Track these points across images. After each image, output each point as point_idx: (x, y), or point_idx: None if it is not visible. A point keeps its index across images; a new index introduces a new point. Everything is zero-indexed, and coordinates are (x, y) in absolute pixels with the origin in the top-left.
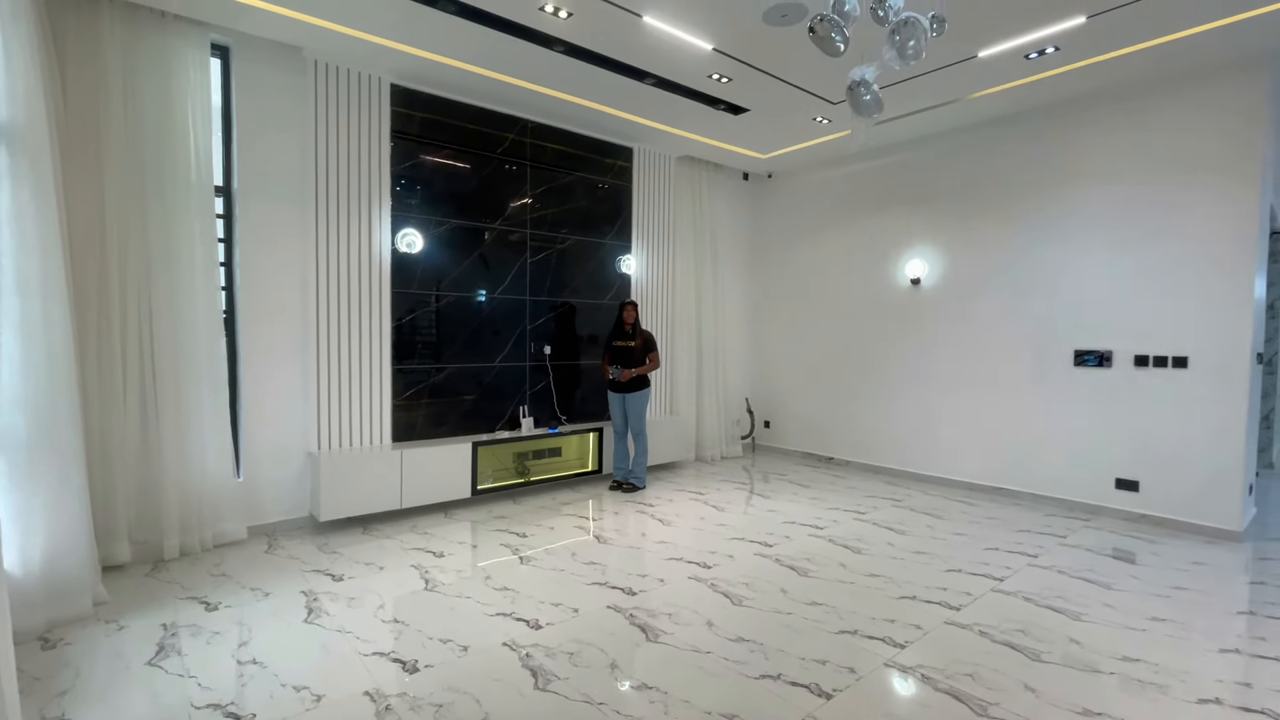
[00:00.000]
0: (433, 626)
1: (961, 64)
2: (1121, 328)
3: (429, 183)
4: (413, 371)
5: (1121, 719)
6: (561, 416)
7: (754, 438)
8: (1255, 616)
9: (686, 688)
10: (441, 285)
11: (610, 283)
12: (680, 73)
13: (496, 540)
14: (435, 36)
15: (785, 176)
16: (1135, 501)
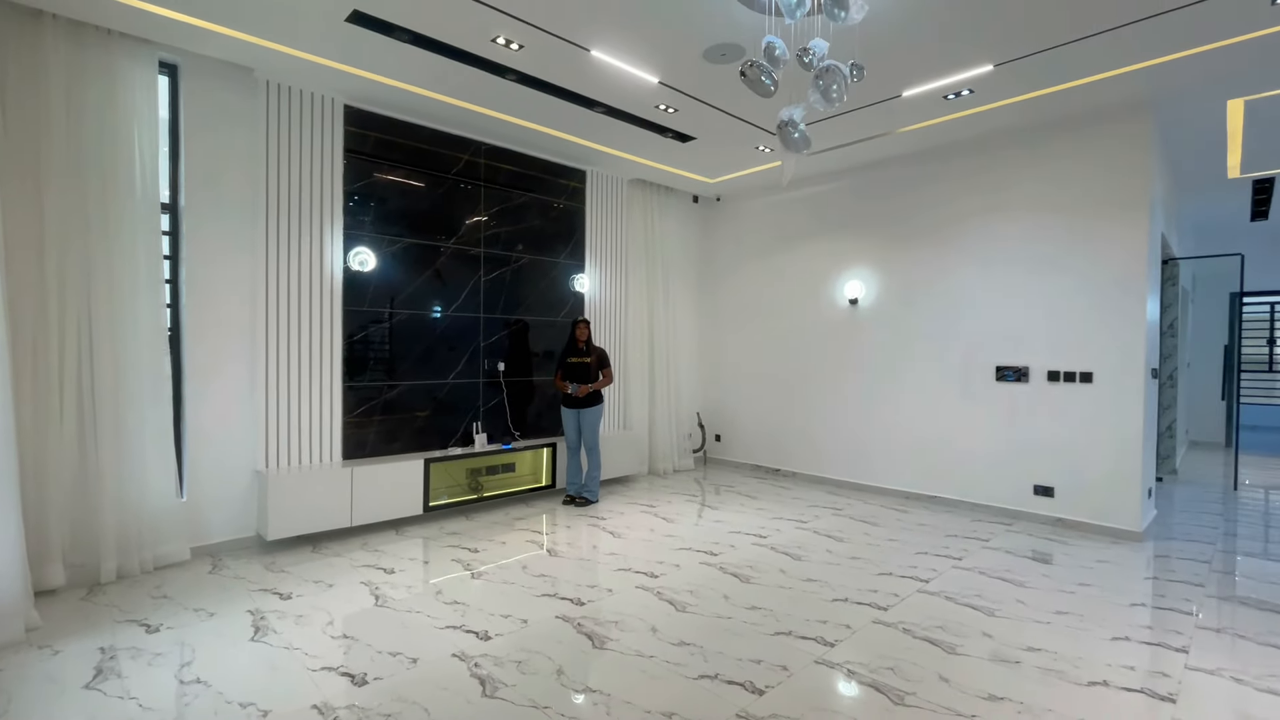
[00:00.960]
0: (382, 641)
1: (888, 102)
2: (1036, 346)
3: (383, 201)
4: (365, 388)
5: (1021, 702)
6: (515, 432)
7: (705, 451)
8: (1145, 608)
9: (629, 690)
10: (394, 302)
11: (564, 300)
12: (629, 102)
13: (448, 556)
14: (389, 62)
15: (733, 200)
16: (1051, 506)
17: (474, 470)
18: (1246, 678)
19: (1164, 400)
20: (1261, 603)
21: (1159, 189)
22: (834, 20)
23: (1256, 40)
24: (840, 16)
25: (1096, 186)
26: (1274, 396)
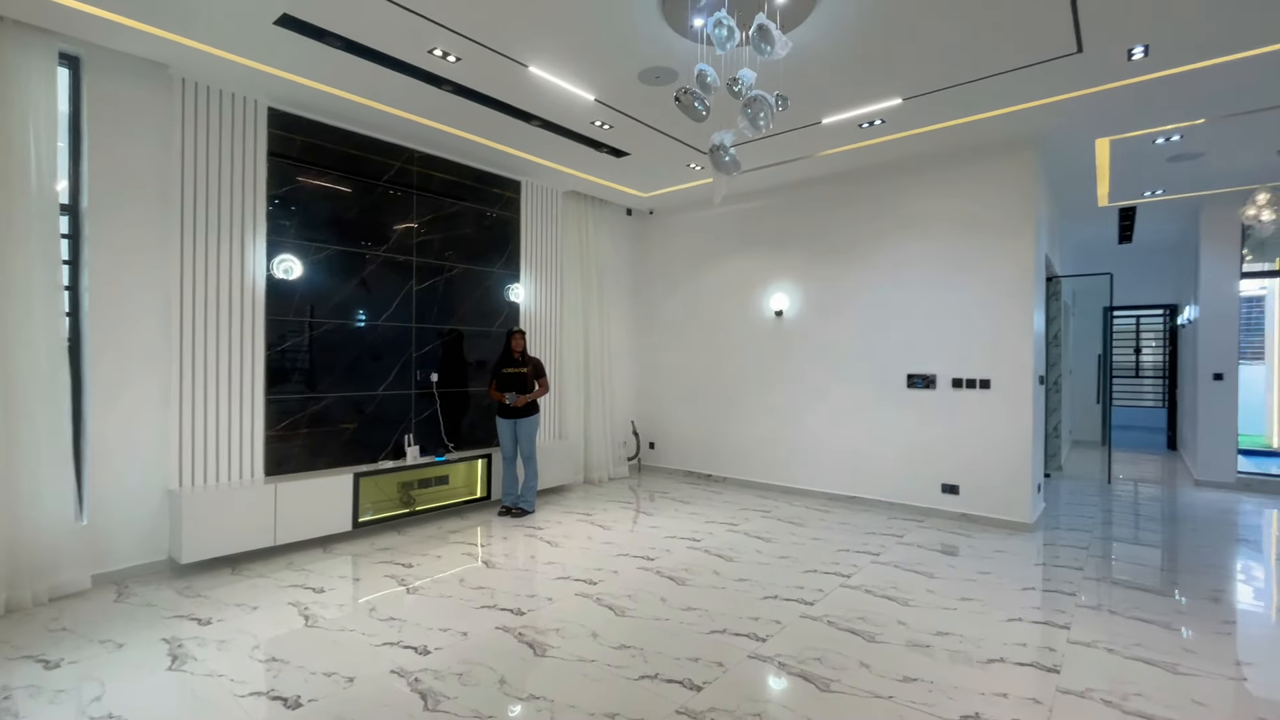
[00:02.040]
0: (315, 662)
1: (810, 128)
2: (942, 355)
3: (309, 207)
4: (288, 401)
5: (932, 681)
6: (449, 444)
7: (640, 459)
8: (1035, 591)
9: (572, 694)
10: (321, 312)
11: (499, 310)
12: (565, 117)
13: (381, 572)
14: (319, 67)
15: (665, 214)
16: (957, 503)
17: (406, 484)
18: (1117, 648)
19: (1050, 404)
20: (1129, 582)
21: (1043, 214)
22: (760, 54)
23: (1117, 89)
24: (766, 51)
25: (991, 211)
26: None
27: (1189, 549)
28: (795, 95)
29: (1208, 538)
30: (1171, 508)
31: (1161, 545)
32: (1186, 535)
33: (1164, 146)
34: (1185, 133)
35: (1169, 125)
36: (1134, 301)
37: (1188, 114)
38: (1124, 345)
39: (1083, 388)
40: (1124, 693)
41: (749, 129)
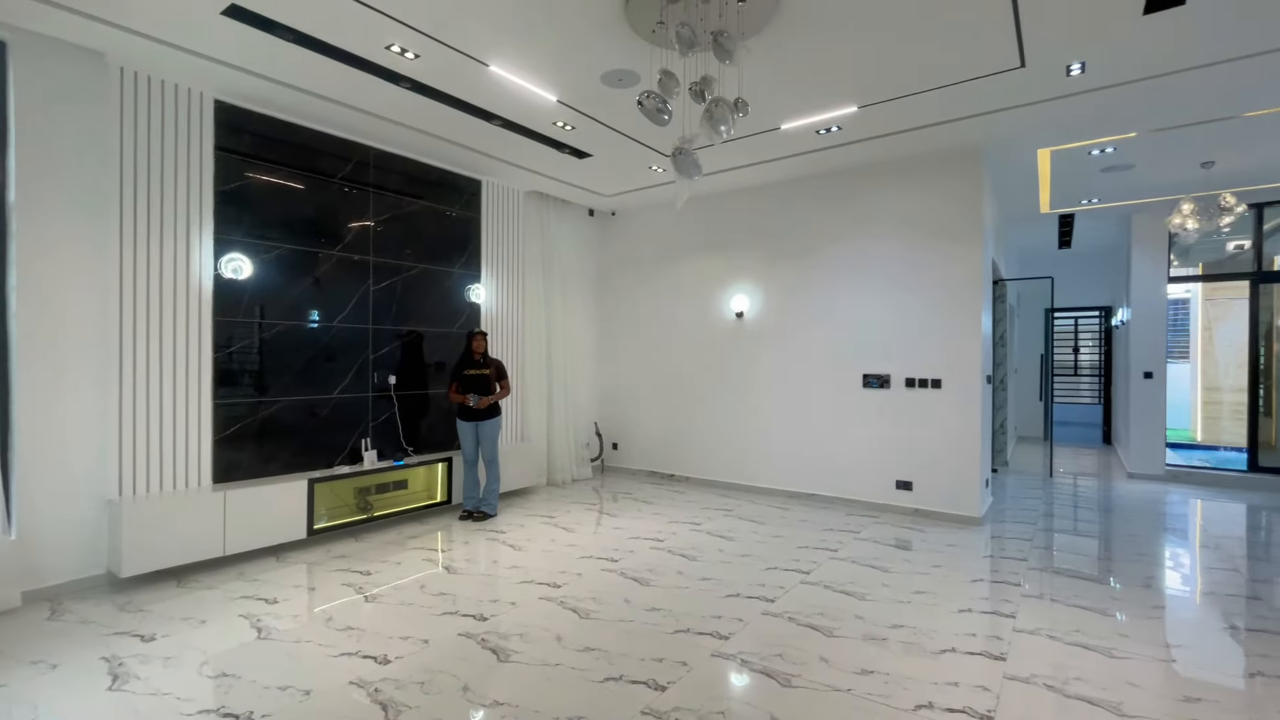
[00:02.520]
0: (269, 675)
1: (770, 133)
2: (896, 355)
3: (260, 204)
4: (238, 405)
5: (888, 673)
6: (408, 448)
7: (603, 460)
8: (984, 582)
9: (537, 699)
10: (273, 312)
11: (459, 311)
12: (527, 117)
13: (338, 580)
14: (270, 61)
15: (628, 215)
16: (911, 499)
17: (363, 489)
18: (1058, 634)
19: (997, 401)
20: (1070, 571)
21: (990, 220)
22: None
23: (1057, 103)
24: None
25: (942, 216)
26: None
27: (1122, 538)
28: (756, 102)
29: (1139, 527)
30: (1107, 499)
31: (1098, 535)
32: (1120, 525)
33: (1099, 158)
34: (1118, 145)
35: (1103, 138)
36: (1073, 304)
37: (1120, 128)
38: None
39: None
40: (1065, 677)
41: (710, 133)
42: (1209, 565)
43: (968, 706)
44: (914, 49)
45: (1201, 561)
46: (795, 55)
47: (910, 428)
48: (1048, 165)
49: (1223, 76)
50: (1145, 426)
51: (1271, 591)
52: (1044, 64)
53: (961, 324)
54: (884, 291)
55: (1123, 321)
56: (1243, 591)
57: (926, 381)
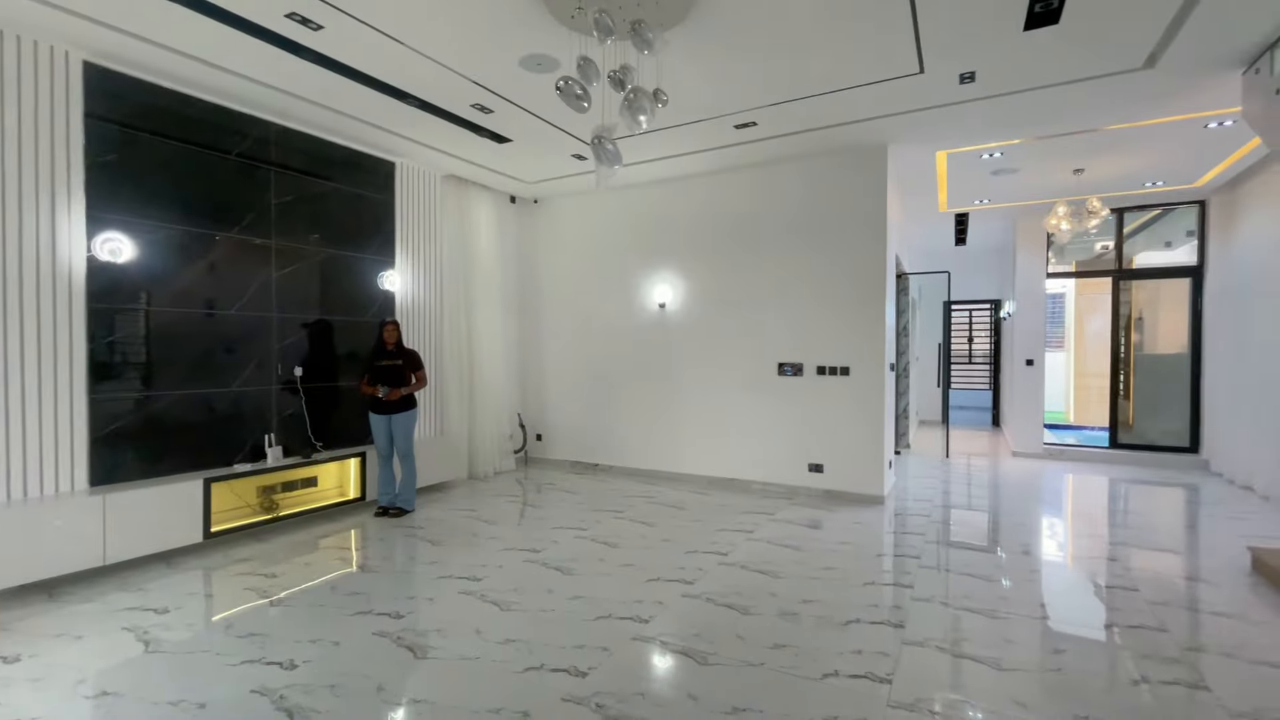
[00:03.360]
0: (158, 691)
1: (688, 125)
2: (809, 344)
3: (143, 179)
4: (119, 400)
5: (799, 646)
6: (317, 443)
7: (527, 451)
8: (887, 556)
9: (455, 694)
10: (161, 299)
11: (372, 300)
12: (443, 99)
13: (239, 585)
14: (151, 21)
15: (550, 202)
16: (822, 480)
17: (268, 488)
18: (950, 601)
19: (900, 388)
20: (962, 544)
21: (894, 217)
22: (641, 51)
23: (952, 108)
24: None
25: (852, 212)
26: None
27: (1006, 511)
28: (674, 94)
29: (1020, 501)
30: (994, 476)
31: (986, 509)
32: (1004, 499)
33: (988, 161)
34: (1005, 151)
35: (992, 143)
36: (968, 297)
37: (1006, 134)
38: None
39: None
40: (955, 639)
41: (630, 123)
42: (1077, 532)
43: (870, 672)
44: (823, 51)
45: (1071, 529)
46: (710, 51)
47: (821, 413)
48: (945, 167)
49: (1089, 91)
50: (1027, 409)
51: (1127, 553)
52: (941, 71)
53: (868, 315)
54: (799, 283)
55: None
56: (1103, 554)
57: (836, 369)
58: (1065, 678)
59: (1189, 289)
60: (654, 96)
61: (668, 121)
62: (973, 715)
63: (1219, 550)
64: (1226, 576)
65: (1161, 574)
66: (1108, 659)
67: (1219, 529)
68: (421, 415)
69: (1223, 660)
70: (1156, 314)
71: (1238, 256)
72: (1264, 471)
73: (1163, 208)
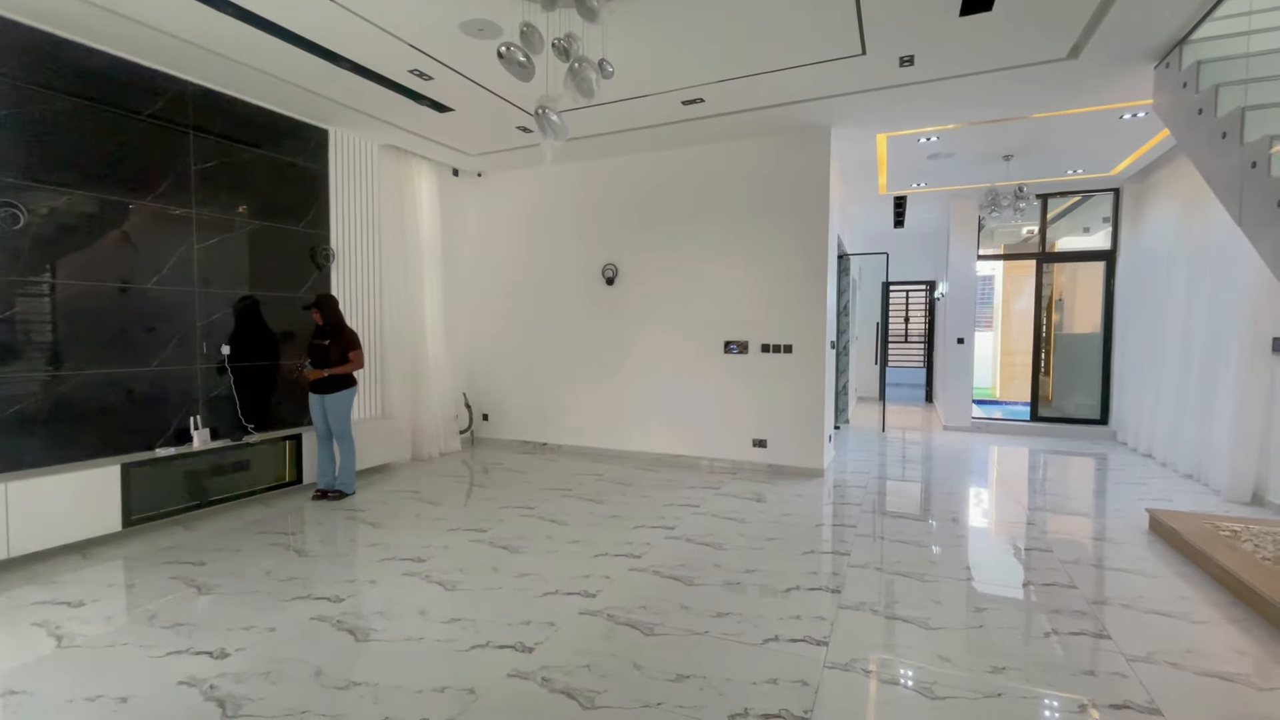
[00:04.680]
0: (73, 687)
1: (634, 100)
2: (754, 322)
3: (40, 139)
4: (19, 380)
5: (741, 613)
6: (248, 425)
7: (473, 431)
8: (826, 526)
9: (398, 675)
10: (66, 271)
11: (306, 274)
12: (379, 63)
13: (164, 574)
14: None
15: (495, 175)
16: (766, 455)
17: (194, 473)
18: (884, 566)
19: (840, 366)
20: (895, 513)
21: (836, 198)
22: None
23: (891, 91)
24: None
25: (795, 192)
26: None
27: (937, 481)
28: (620, 67)
29: (950, 471)
30: (927, 449)
31: (919, 480)
32: (936, 470)
33: (925, 145)
34: (940, 135)
35: (929, 127)
36: (905, 278)
37: (942, 119)
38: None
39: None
40: (887, 602)
41: (574, 94)
42: (1000, 500)
43: (808, 635)
44: (769, 28)
45: (995, 497)
46: (656, 23)
47: (765, 390)
48: (885, 149)
49: (1018, 79)
50: (957, 385)
51: (1043, 518)
52: (882, 53)
53: (810, 294)
54: (744, 262)
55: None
56: (1023, 519)
57: (780, 347)
58: (986, 634)
59: (1103, 272)
60: (599, 67)
61: (614, 95)
62: (902, 672)
63: (1122, 513)
64: (1128, 536)
65: (1072, 535)
66: (1024, 615)
67: (1123, 494)
68: (361, 395)
69: (1122, 611)
70: (1075, 296)
71: (1146, 242)
72: (1161, 440)
73: (1082, 194)
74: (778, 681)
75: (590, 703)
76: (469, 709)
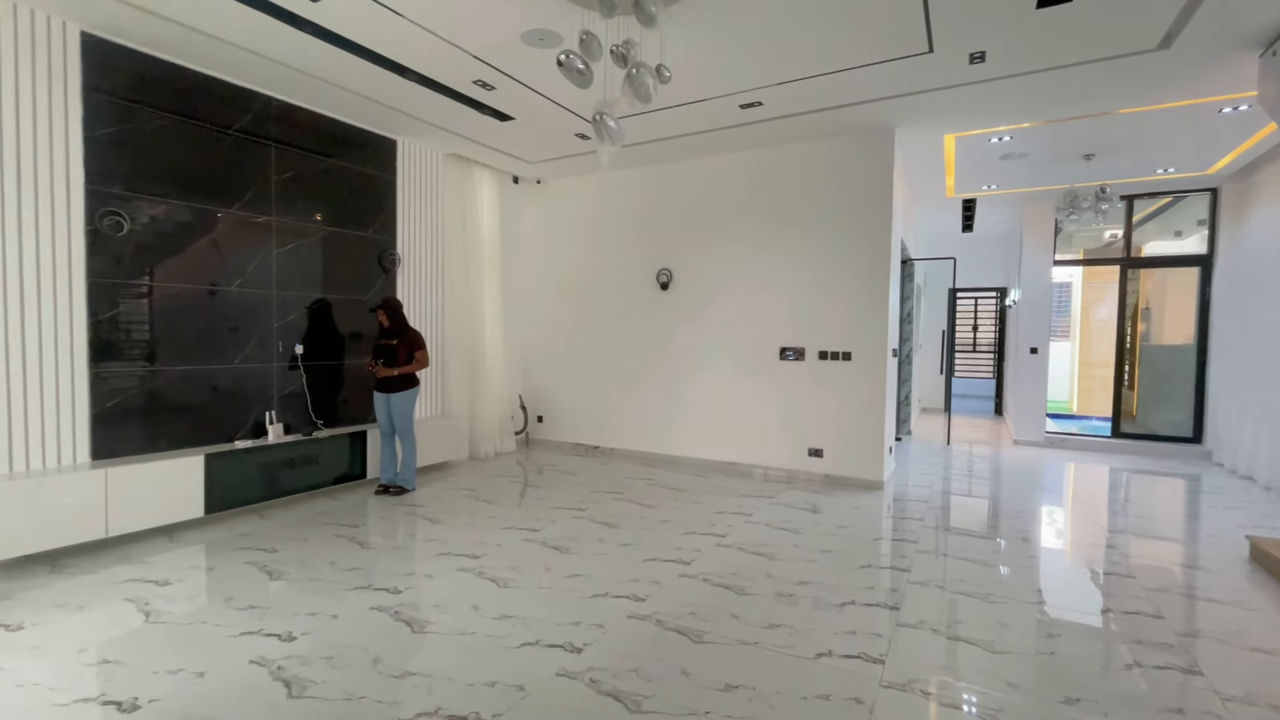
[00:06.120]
0: (158, 660)
1: (692, 105)
2: (811, 329)
3: (143, 153)
4: (120, 375)
5: (793, 625)
6: (318, 421)
7: (528, 433)
8: (885, 540)
9: (450, 668)
10: (162, 274)
11: (373, 278)
12: (444, 74)
13: (240, 559)
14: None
15: (553, 182)
16: (822, 465)
17: (269, 465)
18: (946, 584)
19: (902, 375)
20: (960, 530)
21: (900, 201)
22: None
23: (961, 89)
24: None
25: (857, 196)
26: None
27: (1006, 498)
28: (677, 72)
29: (1021, 488)
30: (995, 464)
31: (986, 496)
32: (1005, 486)
33: (997, 145)
34: (1014, 134)
35: (1002, 126)
36: (973, 284)
37: (1017, 117)
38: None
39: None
40: (949, 622)
41: (633, 99)
42: (1076, 520)
43: (863, 652)
44: (830, 29)
45: (1070, 516)
46: (714, 27)
47: (822, 399)
48: (953, 150)
49: (1102, 73)
50: (1029, 397)
51: (1125, 541)
52: (950, 50)
53: (872, 300)
54: (801, 266)
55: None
56: (1102, 541)
57: (838, 354)
58: (1058, 661)
59: (1198, 278)
60: (657, 72)
61: (672, 100)
62: (965, 696)
63: (1218, 539)
64: (1224, 564)
65: (1159, 561)
66: (1102, 643)
67: (1218, 518)
68: (423, 395)
69: (1217, 645)
70: (1164, 304)
71: (1248, 246)
72: (1266, 462)
73: (1173, 195)
74: (830, 698)
75: (637, 707)
76: (518, 705)
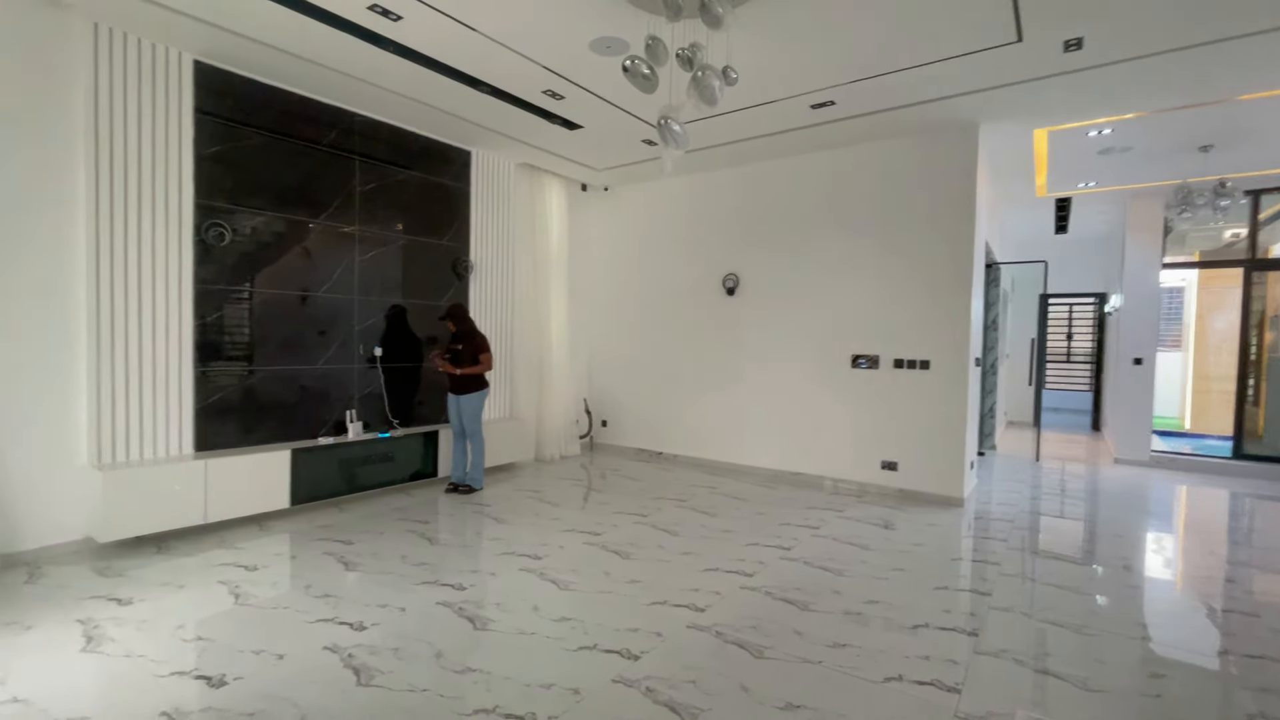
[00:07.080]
0: (244, 640)
1: (760, 107)
2: (885, 336)
3: (242, 169)
4: (220, 374)
5: (860, 646)
6: (394, 420)
7: (592, 437)
8: (963, 561)
9: (509, 666)
10: (257, 281)
11: (447, 284)
12: (515, 85)
13: (319, 550)
14: (251, 19)
15: (620, 189)
16: (895, 479)
17: (348, 461)
18: (1032, 613)
19: (986, 386)
20: (1048, 553)
21: (985, 201)
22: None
23: (1054, 80)
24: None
25: (936, 196)
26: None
27: (1104, 521)
28: (744, 73)
29: (1122, 511)
30: (1092, 484)
31: (1081, 518)
32: (1103, 509)
33: (1096, 139)
34: (1115, 127)
35: (1101, 119)
36: (1067, 289)
37: (1118, 108)
38: (1056, 331)
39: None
40: (1036, 653)
41: (699, 102)
42: (1188, 549)
43: (936, 679)
44: (908, 20)
45: (1181, 544)
46: (783, 26)
47: (897, 409)
48: (1045, 146)
49: (1221, 55)
50: (1133, 413)
51: (1248, 575)
52: (1041, 38)
53: (952, 306)
54: (875, 271)
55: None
56: (1220, 574)
57: (915, 363)
58: (1165, 704)
59: None
60: (723, 74)
61: (740, 103)
62: None
63: None
64: None
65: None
66: (1219, 688)
67: None
68: (492, 398)
69: None
70: None
71: None
72: None
73: None
74: None
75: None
76: (573, 709)
